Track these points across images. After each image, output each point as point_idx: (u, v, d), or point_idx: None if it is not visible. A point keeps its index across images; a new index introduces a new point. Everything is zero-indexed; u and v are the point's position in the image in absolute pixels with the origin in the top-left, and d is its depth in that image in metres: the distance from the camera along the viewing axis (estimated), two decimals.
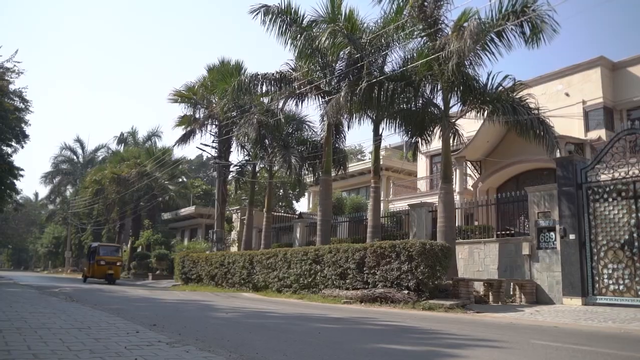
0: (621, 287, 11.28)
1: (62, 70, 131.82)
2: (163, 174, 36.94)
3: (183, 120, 28.32)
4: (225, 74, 23.61)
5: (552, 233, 12.97)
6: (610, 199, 11.88)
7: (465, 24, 14.03)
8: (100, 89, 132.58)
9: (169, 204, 40.51)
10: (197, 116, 28.08)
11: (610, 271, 11.55)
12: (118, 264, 27.10)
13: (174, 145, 31.10)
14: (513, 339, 5.92)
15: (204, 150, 28.67)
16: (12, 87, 22.37)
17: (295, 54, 18.79)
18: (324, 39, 16.43)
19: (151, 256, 34.24)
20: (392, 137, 32.46)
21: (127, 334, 5.42)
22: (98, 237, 46.98)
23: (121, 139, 49.20)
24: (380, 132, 18.29)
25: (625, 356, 4.64)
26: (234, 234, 29.03)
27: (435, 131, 17.04)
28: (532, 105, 14.82)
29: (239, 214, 28.83)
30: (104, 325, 6.12)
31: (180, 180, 43.51)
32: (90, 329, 5.71)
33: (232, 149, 27.90)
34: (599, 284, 11.70)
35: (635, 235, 11.28)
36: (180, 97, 27.84)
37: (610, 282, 11.48)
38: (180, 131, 28.83)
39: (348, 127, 20.94)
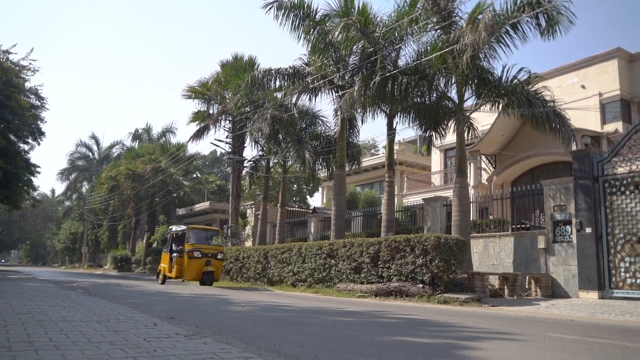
0: (638, 281, 11.17)
1: (79, 67, 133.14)
2: (177, 170, 37.24)
3: (197, 116, 28.48)
4: (238, 70, 23.68)
5: (568, 226, 12.86)
6: (628, 192, 11.75)
7: (480, 17, 13.92)
8: (115, 85, 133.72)
9: (184, 199, 40.83)
10: (210, 112, 28.22)
11: (627, 264, 11.44)
12: (219, 256, 17.95)
13: (188, 141, 31.36)
14: (529, 331, 5.90)
15: (217, 146, 28.86)
16: (27, 84, 22.70)
17: (309, 49, 18.80)
18: (337, 33, 16.40)
19: None
20: (406, 131, 32.26)
21: (145, 326, 5.49)
22: (114, 232, 47.44)
23: (136, 136, 49.63)
24: (394, 126, 18.24)
25: None
26: (248, 229, 29.18)
27: (449, 125, 16.96)
28: (547, 98, 14.67)
29: (253, 209, 28.97)
30: (122, 318, 6.20)
31: (195, 175, 43.84)
32: (109, 321, 5.80)
33: (245, 145, 28.00)
34: (615, 277, 11.59)
35: None
36: (194, 93, 27.98)
37: (627, 275, 11.37)
38: (194, 127, 29.02)
39: (362, 122, 20.93)
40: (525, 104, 14.11)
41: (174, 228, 19.83)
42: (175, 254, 18.12)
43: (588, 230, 12.16)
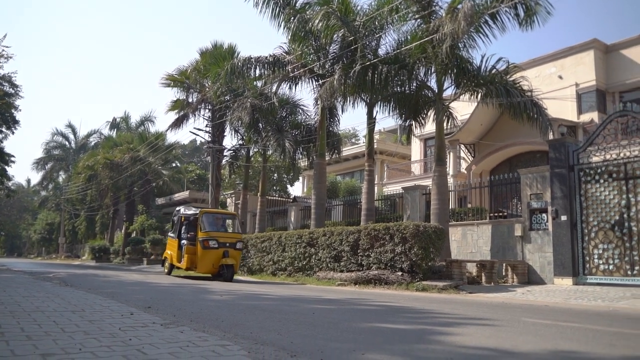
0: (611, 267, 11.41)
1: (54, 56, 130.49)
2: (156, 159, 36.85)
3: (176, 105, 28.17)
4: (218, 58, 23.44)
5: (544, 214, 13.06)
6: (602, 181, 11.97)
7: (459, 6, 13.96)
8: (91, 74, 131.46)
9: (163, 189, 40.44)
10: (190, 100, 27.93)
11: (600, 251, 11.67)
12: (238, 246, 15.34)
13: (167, 130, 31.01)
14: (504, 317, 6.00)
15: (197, 135, 28.59)
16: (0, 71, 22.18)
17: (289, 37, 18.67)
18: (317, 21, 16.31)
19: (145, 241, 34.23)
20: (387, 120, 32.44)
21: (121, 316, 5.43)
22: (92, 223, 46.78)
23: (114, 124, 48.92)
24: (374, 115, 18.27)
25: (613, 332, 4.71)
26: None
27: (429, 114, 17.04)
28: (525, 88, 14.84)
29: (233, 198, 28.84)
30: (98, 308, 6.12)
31: (174, 165, 43.46)
32: (84, 311, 5.72)
33: (225, 133, 27.82)
34: (589, 264, 11.82)
35: (625, 215, 11.39)
36: (173, 81, 27.64)
37: (601, 262, 11.61)
38: (173, 116, 28.74)
39: (342, 111, 20.94)
40: (503, 93, 14.24)
41: (183, 210, 17.27)
42: (184, 242, 15.80)
43: (563, 218, 12.37)
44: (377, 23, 17.26)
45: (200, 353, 3.62)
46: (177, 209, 18.12)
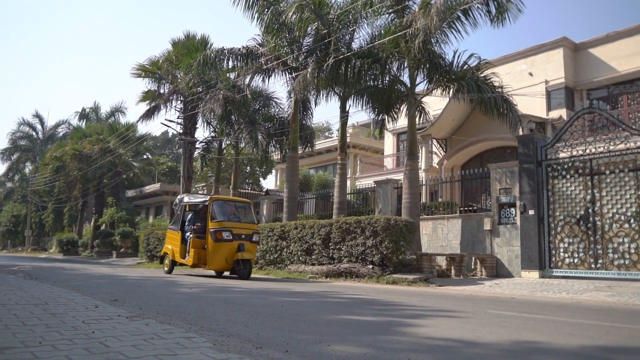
0: (576, 260, 11.70)
1: (21, 43, 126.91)
2: (127, 151, 36.22)
3: (147, 96, 27.69)
4: (190, 49, 23.14)
5: (512, 209, 13.29)
6: (568, 176, 12.23)
7: (433, 2, 14.04)
8: (61, 63, 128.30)
9: (133, 181, 39.83)
10: (161, 91, 27.48)
11: (566, 245, 11.95)
12: (255, 238, 13.25)
13: (137, 121, 30.44)
14: (471, 309, 6.08)
15: (168, 127, 28.21)
16: None
17: (262, 29, 18.50)
18: (291, 13, 16.22)
19: (115, 234, 33.72)
20: (360, 114, 32.56)
21: (86, 309, 5.33)
22: (60, 215, 45.81)
23: (83, 115, 47.88)
24: (347, 109, 18.29)
25: (574, 323, 4.83)
26: None
27: (401, 109, 17.15)
28: (496, 84, 15.04)
29: (205, 191, 28.62)
30: (62, 301, 6.00)
31: (145, 157, 42.78)
32: (48, 304, 5.60)
33: (197, 125, 27.50)
34: (555, 257, 12.09)
35: (590, 210, 11.68)
36: (144, 71, 27.15)
37: (566, 255, 11.88)
38: (144, 107, 28.23)
39: (315, 104, 20.88)
40: (474, 89, 14.40)
41: (187, 198, 14.98)
42: (190, 234, 13.67)
43: (531, 212, 12.61)
44: (351, 17, 17.25)
45: (164, 345, 3.57)
46: (179, 197, 15.81)
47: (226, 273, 13.88)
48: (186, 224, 14.25)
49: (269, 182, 41.85)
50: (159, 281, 11.06)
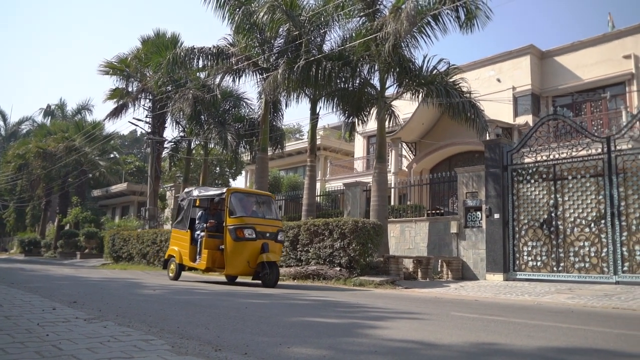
0: (539, 263, 11.94)
1: None
2: (93, 149, 35.48)
3: (115, 94, 27.20)
4: (160, 47, 22.82)
5: (478, 212, 13.49)
6: (533, 181, 12.49)
7: (403, 6, 14.17)
8: (25, 57, 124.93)
9: (100, 180, 39.04)
10: (129, 89, 27.03)
11: (529, 248, 12.19)
12: (280, 237, 11.44)
13: (104, 119, 29.83)
14: (434, 311, 6.13)
15: (136, 125, 27.73)
16: None
17: (233, 29, 18.37)
18: (262, 14, 16.14)
19: (79, 234, 32.96)
20: (331, 117, 32.69)
21: (42, 311, 5.18)
22: (22, 215, 44.57)
23: (48, 112, 46.70)
24: (317, 111, 18.31)
25: (533, 324, 4.91)
26: (167, 212, 28.41)
27: (371, 112, 17.25)
28: (464, 89, 15.26)
29: (173, 191, 28.22)
30: (18, 302, 5.81)
31: (112, 156, 41.98)
32: (2, 306, 5.41)
33: (166, 125, 27.16)
34: (519, 260, 12.32)
35: (553, 214, 11.94)
36: (112, 68, 26.66)
37: (530, 258, 12.12)
38: (111, 105, 27.72)
39: (286, 105, 20.88)
40: (443, 94, 14.57)
41: (197, 192, 12.84)
42: (201, 233, 11.84)
43: (496, 216, 12.82)
44: (322, 19, 17.27)
45: (120, 348, 3.49)
46: (187, 190, 13.73)
47: (243, 279, 12.23)
48: (196, 221, 12.33)
49: (239, 183, 41.55)
50: (123, 282, 10.84)
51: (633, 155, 11.01)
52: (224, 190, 11.48)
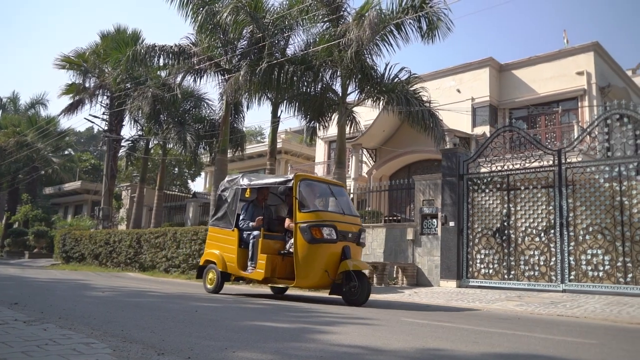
0: (490, 271, 12.20)
1: None
2: (46, 146, 34.35)
3: (71, 89, 26.47)
4: (120, 43, 22.36)
5: (434, 220, 13.69)
6: (487, 190, 12.76)
7: (367, 14, 14.32)
8: None
9: (52, 178, 37.82)
10: (87, 85, 26.36)
11: (482, 256, 12.44)
12: (362, 238, 9.08)
13: (59, 115, 29.00)
14: (385, 317, 6.17)
15: (93, 122, 27.09)
16: None
17: (196, 28, 18.16)
18: (226, 14, 16.03)
19: (29, 233, 31.84)
20: (294, 121, 32.69)
21: None
22: None
23: None
24: (279, 115, 18.27)
25: (479, 331, 5.00)
26: (122, 212, 27.76)
27: (333, 117, 17.32)
28: (424, 99, 15.51)
29: (129, 191, 27.62)
30: None
31: (67, 152, 40.73)
32: None
33: (124, 123, 26.64)
34: (472, 267, 12.56)
35: (505, 223, 12.23)
36: (69, 63, 25.95)
37: (482, 266, 12.37)
38: (67, 100, 26.96)
39: (247, 108, 20.76)
40: (404, 102, 14.77)
41: (246, 180, 9.86)
42: (255, 232, 9.11)
43: (451, 224, 13.04)
44: (286, 22, 17.27)
45: (58, 351, 3.36)
46: (230, 178, 10.53)
47: (294, 291, 10.24)
48: (242, 217, 9.53)
49: (199, 185, 41.06)
50: (71, 284, 10.51)
51: (582, 168, 11.41)
52: (291, 176, 8.97)
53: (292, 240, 8.38)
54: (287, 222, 8.74)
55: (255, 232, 9.11)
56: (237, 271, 9.30)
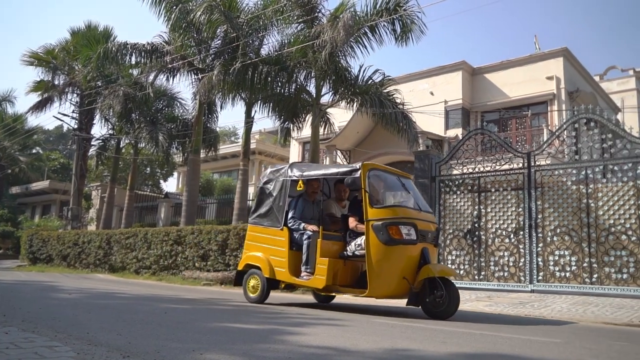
0: (461, 272, 12.34)
1: None
2: (13, 144, 33.50)
3: (39, 86, 25.86)
4: (91, 40, 21.90)
5: None
6: (459, 192, 12.91)
7: (341, 15, 14.36)
8: None
9: (19, 177, 36.90)
10: (56, 82, 25.78)
11: (454, 257, 12.57)
12: (438, 239, 8.63)
13: (27, 113, 28.27)
14: (357, 318, 6.19)
15: (62, 121, 26.49)
16: None
17: (169, 26, 17.96)
18: (199, 13, 15.87)
19: None
20: (267, 121, 32.60)
21: None
22: None
23: None
24: (252, 115, 18.18)
25: (448, 331, 5.05)
26: (92, 212, 27.26)
27: (307, 118, 17.32)
28: (398, 101, 15.62)
29: (99, 190, 27.14)
30: None
31: (35, 151, 39.81)
32: None
33: (95, 122, 26.12)
34: None
35: (476, 225, 12.39)
36: (37, 59, 25.34)
37: (454, 267, 12.50)
38: (35, 97, 26.33)
39: (221, 108, 20.62)
40: (377, 104, 14.86)
41: (296, 170, 8.10)
42: (309, 232, 7.46)
43: None
44: (261, 23, 17.20)
45: (19, 355, 3.27)
46: (274, 169, 8.74)
47: (376, 301, 8.84)
48: (290, 214, 7.87)
49: (171, 185, 40.52)
50: (37, 286, 10.26)
51: (550, 170, 11.63)
52: (357, 165, 7.23)
53: (355, 242, 7.13)
54: (352, 220, 7.30)
55: (310, 232, 7.46)
56: (289, 277, 7.67)
